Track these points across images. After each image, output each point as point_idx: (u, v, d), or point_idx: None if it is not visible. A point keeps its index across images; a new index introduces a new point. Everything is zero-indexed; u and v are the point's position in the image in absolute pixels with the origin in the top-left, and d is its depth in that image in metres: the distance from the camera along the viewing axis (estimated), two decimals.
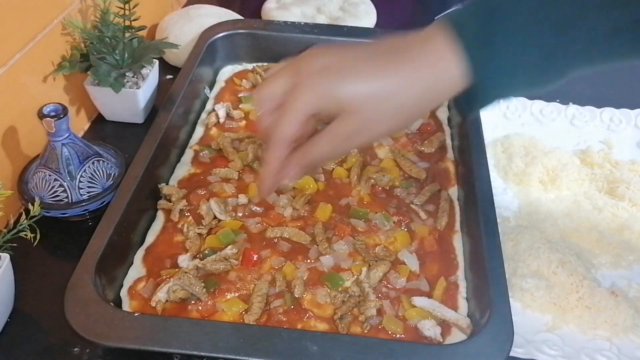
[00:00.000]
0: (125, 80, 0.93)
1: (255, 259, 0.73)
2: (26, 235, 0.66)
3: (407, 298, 0.70)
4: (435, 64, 0.49)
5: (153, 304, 0.67)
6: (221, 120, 0.95)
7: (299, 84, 0.51)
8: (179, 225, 0.77)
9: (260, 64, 1.07)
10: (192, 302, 0.68)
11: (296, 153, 0.54)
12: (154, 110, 0.99)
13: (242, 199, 0.81)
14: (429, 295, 0.70)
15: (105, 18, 0.90)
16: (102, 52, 0.90)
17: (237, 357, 0.57)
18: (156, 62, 0.98)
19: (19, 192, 0.78)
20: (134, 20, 0.92)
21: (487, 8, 0.48)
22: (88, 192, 0.77)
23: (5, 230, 0.66)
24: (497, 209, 0.74)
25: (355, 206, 0.81)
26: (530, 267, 0.74)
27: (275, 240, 0.76)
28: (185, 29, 1.09)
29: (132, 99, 0.94)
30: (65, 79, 0.92)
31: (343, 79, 0.50)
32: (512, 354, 0.61)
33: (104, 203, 0.78)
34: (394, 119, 0.52)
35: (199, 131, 0.94)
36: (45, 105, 0.73)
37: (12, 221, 0.73)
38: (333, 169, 0.86)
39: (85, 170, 0.77)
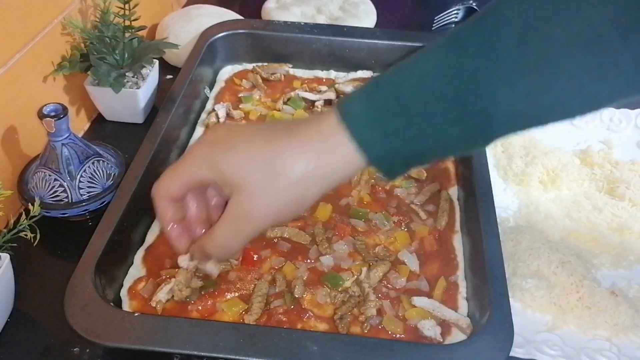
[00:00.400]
0: (125, 80, 0.93)
1: (255, 259, 0.73)
2: (26, 235, 0.66)
3: (407, 298, 0.70)
4: (326, 141, 0.47)
5: (153, 304, 0.67)
6: (221, 120, 0.95)
7: (187, 153, 0.52)
8: None
9: (260, 64, 1.07)
10: (192, 302, 0.68)
11: (198, 240, 0.54)
12: (154, 110, 0.99)
13: None
14: (429, 295, 0.70)
15: (105, 18, 0.90)
16: (102, 52, 0.90)
17: (237, 357, 0.57)
18: (156, 62, 0.98)
19: (19, 192, 0.78)
20: (134, 20, 0.91)
21: (370, 93, 0.47)
22: (88, 192, 0.77)
23: (5, 230, 0.66)
24: (497, 209, 0.74)
25: (355, 206, 0.81)
26: (530, 267, 0.74)
27: (275, 240, 0.76)
28: (185, 29, 1.09)
29: (132, 99, 0.94)
30: (65, 79, 0.92)
31: (229, 151, 0.48)
32: (512, 354, 0.61)
33: (104, 203, 0.78)
34: (284, 195, 0.48)
35: (199, 131, 0.94)
36: (45, 105, 0.73)
37: (12, 221, 0.73)
38: None
39: (85, 170, 0.77)
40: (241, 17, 1.15)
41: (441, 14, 1.28)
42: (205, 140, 0.51)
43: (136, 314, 0.62)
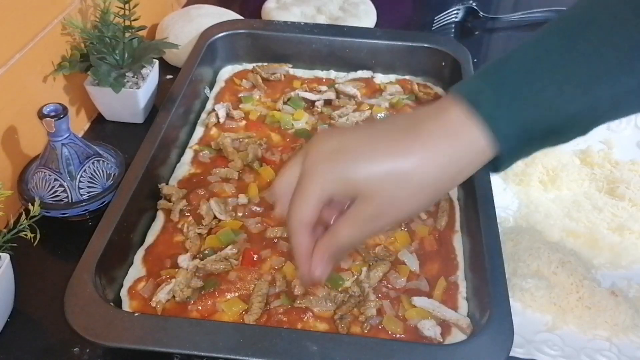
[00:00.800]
0: (125, 80, 0.93)
1: (255, 259, 0.73)
2: (26, 235, 0.66)
3: (407, 298, 0.70)
4: (455, 137, 0.46)
5: (153, 305, 0.67)
6: (221, 120, 0.95)
7: (308, 171, 0.48)
8: (179, 226, 0.77)
9: (260, 64, 1.07)
10: (192, 302, 0.68)
11: (319, 244, 0.50)
12: (154, 110, 0.99)
13: (242, 199, 0.81)
14: (429, 295, 0.70)
15: (105, 18, 0.90)
16: (102, 52, 0.90)
17: (237, 357, 0.57)
18: (156, 62, 0.98)
19: (19, 192, 0.78)
20: (134, 20, 0.91)
21: (498, 75, 0.46)
22: (88, 192, 0.77)
23: (5, 230, 0.66)
24: (497, 209, 0.74)
25: None
26: (530, 267, 0.74)
27: (275, 240, 0.76)
28: (185, 29, 1.09)
29: (132, 99, 0.94)
30: (65, 79, 0.92)
31: (354, 162, 0.47)
32: (512, 354, 0.61)
33: (104, 203, 0.78)
34: (415, 199, 0.47)
35: (199, 131, 0.94)
36: (45, 105, 0.73)
37: (12, 221, 0.73)
38: None
39: (85, 170, 0.77)
40: (241, 17, 1.15)
41: (441, 14, 1.28)
42: (319, 155, 0.48)
43: (136, 314, 0.62)
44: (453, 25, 1.29)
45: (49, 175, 0.76)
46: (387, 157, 0.46)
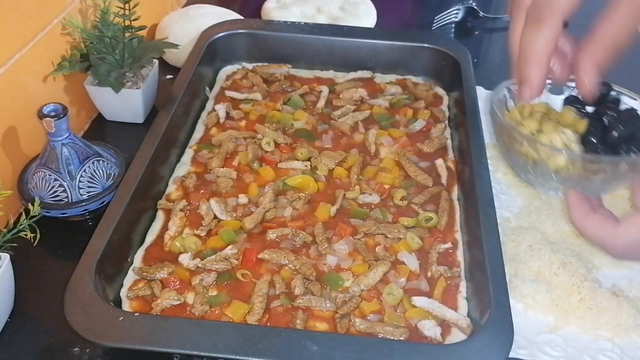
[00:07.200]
0: (125, 80, 0.93)
1: (255, 259, 0.73)
2: (26, 235, 0.66)
3: (407, 298, 0.69)
4: None
5: (155, 310, 0.67)
6: (221, 120, 0.95)
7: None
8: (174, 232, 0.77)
9: (260, 64, 1.07)
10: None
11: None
12: (154, 110, 0.99)
13: (242, 199, 0.81)
14: (429, 295, 0.70)
15: (105, 18, 0.90)
16: (102, 52, 0.90)
17: (237, 357, 0.57)
18: (156, 62, 0.98)
19: (18, 192, 0.77)
20: (134, 20, 0.91)
21: None
22: (88, 192, 0.77)
23: (5, 230, 0.66)
24: (497, 209, 0.74)
25: (356, 199, 0.81)
26: (532, 268, 0.74)
27: (278, 240, 0.75)
28: (185, 29, 1.09)
29: (132, 99, 0.94)
30: (65, 79, 0.92)
31: None
32: (515, 355, 0.61)
33: (104, 203, 0.78)
34: None
35: (199, 131, 0.94)
36: (45, 105, 0.73)
37: (12, 221, 0.73)
38: (333, 168, 0.86)
39: (85, 170, 0.77)
40: (241, 17, 1.15)
41: (441, 14, 1.28)
42: None
43: (136, 314, 0.62)
44: (453, 25, 1.29)
45: (49, 175, 0.76)
46: None
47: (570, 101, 0.60)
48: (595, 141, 0.55)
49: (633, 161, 0.54)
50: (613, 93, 0.60)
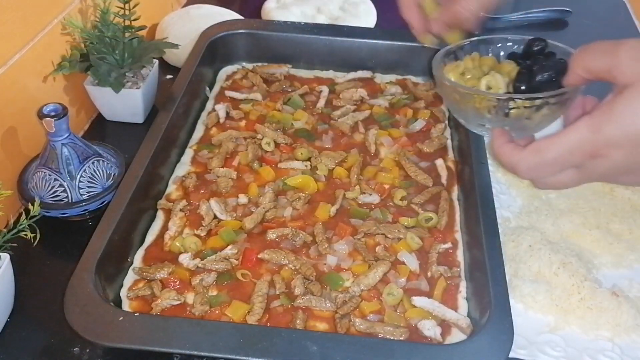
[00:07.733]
0: (125, 80, 0.93)
1: (255, 259, 0.73)
2: (26, 235, 0.66)
3: (407, 298, 0.69)
4: None
5: (155, 310, 0.67)
6: (221, 120, 0.95)
7: None
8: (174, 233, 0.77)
9: (260, 64, 1.07)
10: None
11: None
12: (154, 110, 0.99)
13: (242, 199, 0.81)
14: (429, 295, 0.70)
15: (105, 18, 0.90)
16: (102, 52, 0.90)
17: (237, 357, 0.57)
18: (156, 62, 0.98)
19: (18, 192, 0.78)
20: (134, 20, 0.91)
21: None
22: (88, 192, 0.77)
23: (5, 230, 0.66)
24: (497, 209, 0.74)
25: (355, 199, 0.81)
26: (532, 268, 0.74)
27: (278, 240, 0.76)
28: (185, 29, 1.09)
29: (132, 99, 0.94)
30: (65, 79, 0.92)
31: None
32: (515, 355, 0.61)
33: (104, 203, 0.78)
34: None
35: (199, 131, 0.94)
36: (45, 105, 0.73)
37: (12, 221, 0.73)
38: (333, 168, 0.86)
39: (85, 170, 0.77)
40: (241, 17, 1.15)
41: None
42: None
43: (136, 314, 0.62)
44: None
45: (49, 175, 0.76)
46: None
47: (511, 55, 0.68)
48: (522, 87, 0.61)
49: (544, 98, 0.59)
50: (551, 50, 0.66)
